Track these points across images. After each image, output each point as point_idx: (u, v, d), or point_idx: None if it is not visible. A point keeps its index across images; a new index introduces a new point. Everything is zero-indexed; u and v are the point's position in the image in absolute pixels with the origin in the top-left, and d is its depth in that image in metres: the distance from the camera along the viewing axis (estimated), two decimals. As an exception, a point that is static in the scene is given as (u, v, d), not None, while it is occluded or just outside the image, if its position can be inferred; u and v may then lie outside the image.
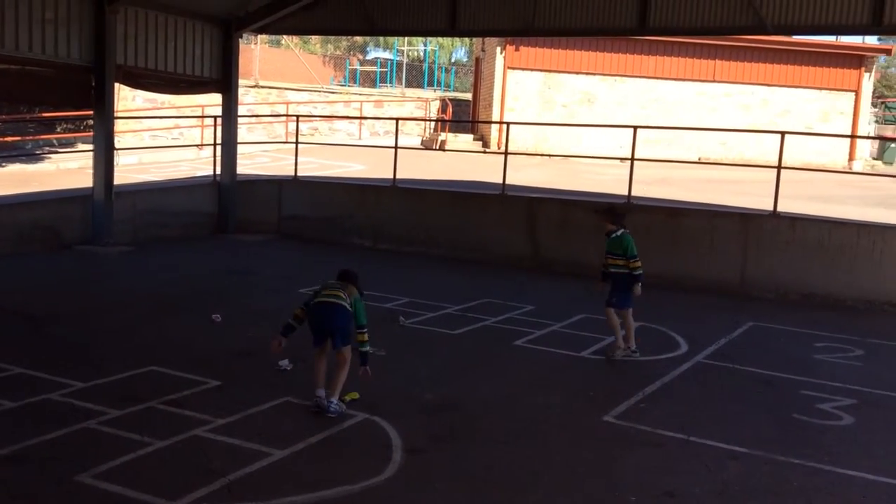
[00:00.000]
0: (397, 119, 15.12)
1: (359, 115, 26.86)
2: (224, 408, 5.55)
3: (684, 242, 11.17)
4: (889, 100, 36.76)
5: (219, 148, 13.87)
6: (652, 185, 15.74)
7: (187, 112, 22.54)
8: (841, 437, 5.76)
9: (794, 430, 5.81)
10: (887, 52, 29.02)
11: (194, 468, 4.60)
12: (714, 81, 25.50)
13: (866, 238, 10.36)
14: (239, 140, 14.35)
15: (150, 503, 4.16)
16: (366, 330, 5.72)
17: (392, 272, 11.21)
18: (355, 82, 35.14)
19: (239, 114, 14.53)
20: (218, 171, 13.84)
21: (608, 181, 16.50)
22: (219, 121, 14.03)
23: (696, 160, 23.58)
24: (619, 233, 7.31)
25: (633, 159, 11.79)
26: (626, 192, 11.75)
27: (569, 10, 11.89)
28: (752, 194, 14.65)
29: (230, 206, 13.71)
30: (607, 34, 18.60)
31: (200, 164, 18.08)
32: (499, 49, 24.82)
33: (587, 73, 25.31)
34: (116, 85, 12.03)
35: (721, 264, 10.92)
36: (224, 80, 13.64)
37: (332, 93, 29.01)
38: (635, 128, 12.25)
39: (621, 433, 5.60)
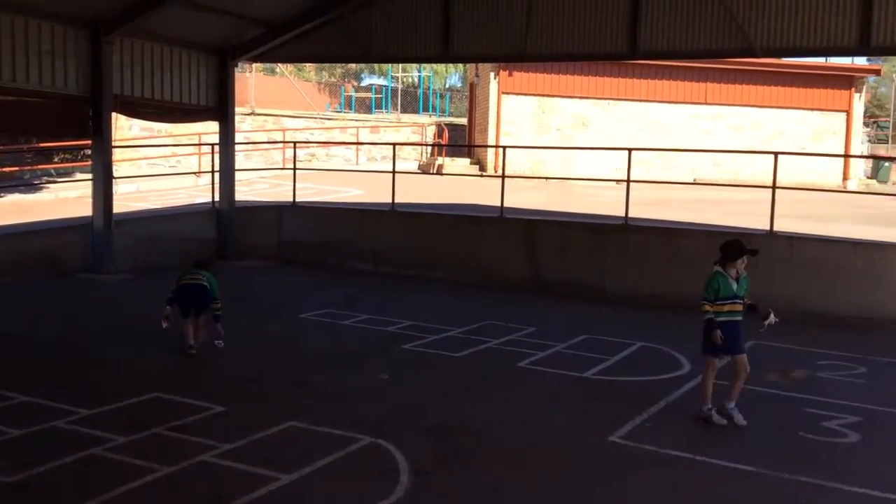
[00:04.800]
0: (395, 144, 15.22)
1: (356, 141, 26.99)
2: (229, 433, 5.54)
3: (682, 262, 11.20)
4: (880, 119, 37.10)
5: (216, 175, 13.93)
6: (647, 206, 15.82)
7: (184, 140, 22.62)
8: (847, 454, 5.77)
9: (800, 448, 5.81)
10: (877, 72, 29.35)
11: (202, 494, 4.59)
12: (706, 104, 25.71)
13: (864, 256, 10.43)
14: (237, 167, 14.41)
15: (159, 529, 4.14)
16: (219, 302, 7.77)
17: (393, 296, 11.22)
18: (351, 108, 35.34)
19: (236, 141, 14.61)
20: (216, 198, 13.89)
21: (605, 203, 16.57)
22: (216, 148, 14.11)
23: (692, 181, 23.70)
24: None
25: (628, 181, 11.87)
26: (622, 214, 11.83)
27: (560, 35, 12.02)
28: (747, 214, 14.71)
29: (230, 233, 13.74)
30: (598, 58, 18.73)
31: (198, 191, 18.13)
32: (492, 74, 25.02)
33: (581, 97, 25.49)
34: (114, 114, 12.10)
35: (720, 284, 10.95)
36: (220, 108, 13.74)
37: (329, 119, 29.16)
38: (630, 150, 12.36)
39: (628, 453, 5.60)
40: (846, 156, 25.23)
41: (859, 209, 18.08)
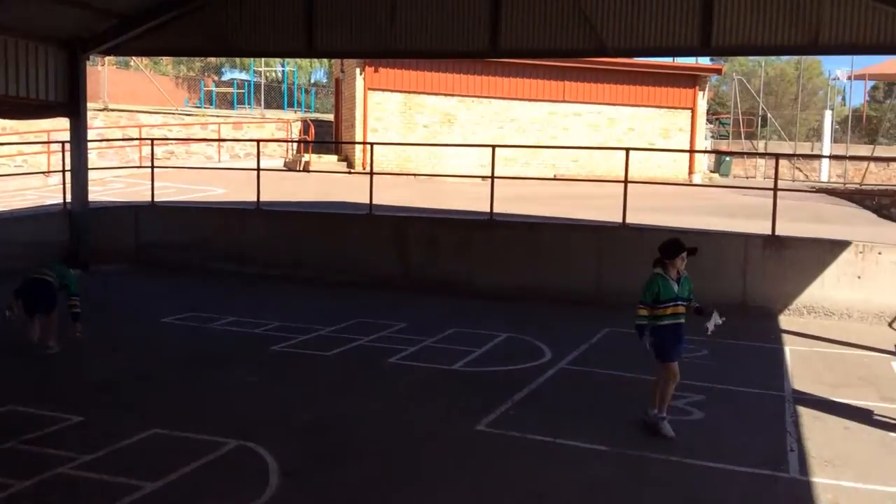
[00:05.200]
0: (258, 140, 14.93)
1: (217, 138, 26.25)
2: (89, 443, 5.35)
3: (544, 255, 11.67)
4: (722, 116, 39.72)
5: (68, 175, 13.22)
6: (511, 202, 16.31)
7: (31, 138, 21.28)
8: (693, 430, 6.22)
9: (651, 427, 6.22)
10: (718, 71, 31.46)
11: (61, 508, 4.42)
12: (564, 102, 26.71)
13: (706, 245, 11.15)
14: (90, 166, 13.72)
15: (14, 548, 3.97)
16: (76, 298, 7.63)
17: (259, 296, 11.06)
18: (211, 104, 34.30)
19: (88, 138, 13.91)
20: (68, 199, 13.18)
21: (471, 199, 16.95)
22: (67, 146, 13.39)
23: (552, 177, 24.60)
24: None
25: (493, 177, 12.22)
26: (488, 209, 12.16)
27: (424, 32, 12.19)
28: (603, 207, 15.46)
29: (83, 235, 13.07)
30: (462, 56, 19.16)
31: (48, 192, 17.12)
32: (358, 70, 24.98)
33: (446, 95, 25.89)
34: (-49, 110, 11.28)
35: (578, 274, 11.49)
36: (71, 104, 13.02)
37: (188, 115, 28.19)
38: (493, 147, 12.73)
39: (493, 440, 5.82)
40: (691, 151, 26.91)
41: (704, 201, 19.36)
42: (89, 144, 14.03)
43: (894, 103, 37.86)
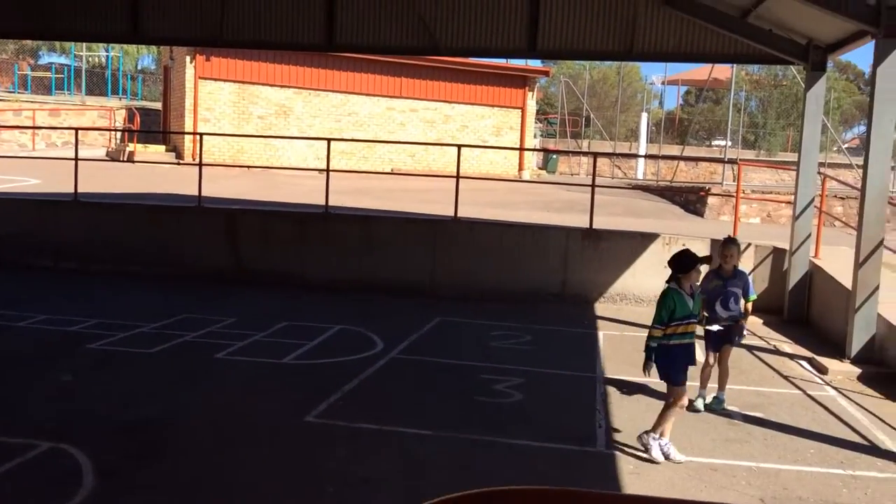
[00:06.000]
0: (77, 129, 14.05)
1: (31, 125, 24.42)
2: None
3: (378, 248, 11.81)
4: (550, 116, 41.59)
5: None
6: (348, 195, 16.34)
7: None
8: (511, 412, 6.57)
9: (474, 410, 6.51)
10: (546, 73, 32.93)
11: None
12: (401, 98, 27.01)
13: (531, 237, 11.78)
14: None
15: None
16: None
17: (77, 293, 10.47)
18: (26, 89, 31.86)
19: None
20: None
21: (307, 191, 16.81)
22: None
23: (389, 171, 24.82)
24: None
25: (328, 170, 12.21)
26: (324, 202, 12.14)
27: (258, 22, 11.99)
28: (437, 202, 15.84)
29: None
30: (297, 49, 18.88)
31: None
32: (188, 58, 24.05)
33: (282, 86, 25.45)
34: None
35: (412, 266, 11.73)
36: None
37: (-2, 100, 26.09)
38: (329, 140, 12.71)
39: (322, 430, 5.88)
40: (521, 149, 27.99)
41: (532, 196, 20.25)
42: None
43: (703, 107, 41.14)
